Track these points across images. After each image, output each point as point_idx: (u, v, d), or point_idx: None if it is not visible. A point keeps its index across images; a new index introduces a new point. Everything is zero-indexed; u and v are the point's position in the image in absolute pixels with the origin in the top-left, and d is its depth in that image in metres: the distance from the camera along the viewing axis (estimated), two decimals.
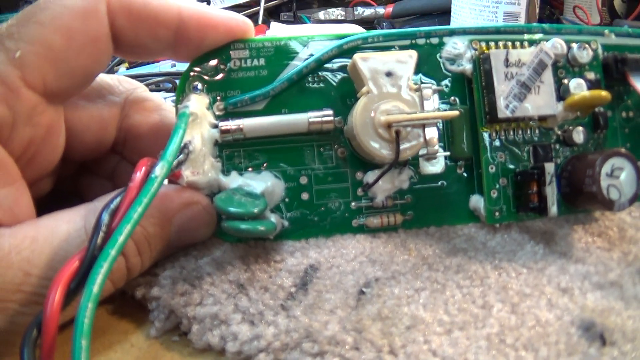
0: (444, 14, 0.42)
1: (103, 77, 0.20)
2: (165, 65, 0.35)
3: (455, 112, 0.18)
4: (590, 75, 0.21)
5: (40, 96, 0.16)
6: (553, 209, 0.19)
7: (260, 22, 0.44)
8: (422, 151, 0.19)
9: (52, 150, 0.18)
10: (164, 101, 0.21)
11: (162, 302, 0.18)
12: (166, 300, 0.18)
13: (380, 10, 0.47)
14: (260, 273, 0.18)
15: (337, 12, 0.44)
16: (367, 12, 0.45)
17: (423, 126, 0.18)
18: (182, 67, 0.39)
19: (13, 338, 0.15)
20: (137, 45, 0.18)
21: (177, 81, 0.33)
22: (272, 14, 0.47)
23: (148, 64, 0.37)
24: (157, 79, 0.32)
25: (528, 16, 0.37)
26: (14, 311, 0.15)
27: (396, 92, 0.18)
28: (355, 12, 0.44)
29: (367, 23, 0.48)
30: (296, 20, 0.46)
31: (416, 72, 0.18)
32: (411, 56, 0.18)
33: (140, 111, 0.20)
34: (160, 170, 0.16)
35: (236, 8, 0.56)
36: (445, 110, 0.19)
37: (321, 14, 0.44)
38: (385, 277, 0.18)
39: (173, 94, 0.32)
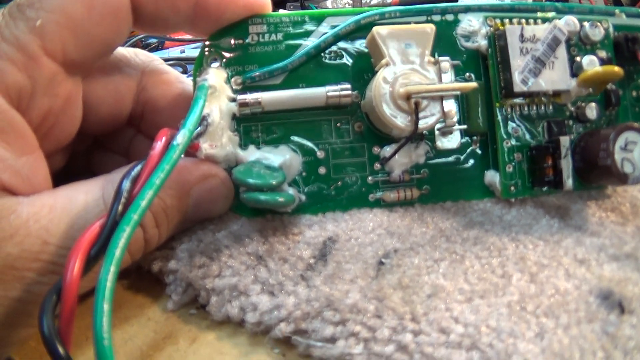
0: (452, 2, 0.43)
1: (119, 50, 0.20)
2: (174, 51, 0.35)
3: (474, 84, 0.18)
4: (602, 54, 0.21)
5: (60, 66, 0.16)
6: (569, 182, 0.19)
7: None
8: (439, 125, 0.19)
9: (70, 122, 0.18)
10: (180, 74, 0.21)
11: (180, 275, 0.18)
12: (184, 273, 0.18)
13: None
14: (279, 245, 0.18)
15: (345, 1, 0.44)
16: (375, 0, 0.45)
17: (441, 99, 0.18)
18: (192, 52, 0.40)
19: (30, 308, 0.15)
20: (156, 18, 0.18)
21: (188, 66, 0.33)
22: (279, 5, 0.47)
23: (158, 49, 0.36)
24: (167, 63, 0.32)
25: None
26: (31, 280, 0.15)
27: (415, 64, 0.18)
28: (363, 1, 0.44)
29: None
30: (304, 10, 0.46)
31: (434, 47, 0.19)
32: (430, 29, 0.18)
33: (158, 84, 0.20)
34: (181, 138, 0.16)
35: None
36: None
37: (329, 3, 0.44)
38: (404, 249, 0.18)
39: None
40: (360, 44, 0.20)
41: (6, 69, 0.15)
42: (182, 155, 0.16)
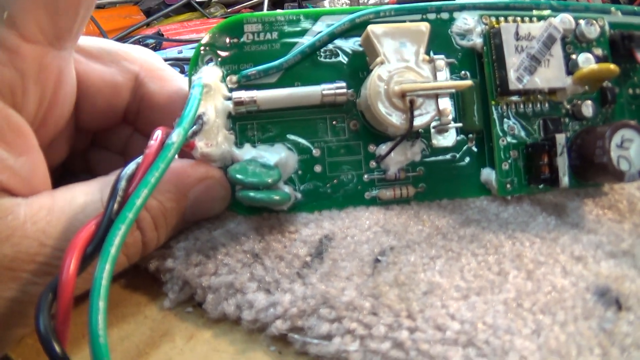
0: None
1: (118, 45, 0.20)
2: (172, 52, 0.35)
3: (469, 82, 0.18)
4: (598, 51, 0.21)
5: (43, 46, 0.15)
6: (565, 180, 0.19)
7: None
8: (435, 123, 0.19)
9: (64, 100, 0.17)
10: (177, 72, 0.21)
11: (176, 273, 0.18)
12: (180, 271, 0.18)
13: None
14: (275, 243, 0.18)
15: (342, 1, 0.44)
16: (372, 0, 0.45)
17: (436, 96, 0.18)
18: (189, 53, 0.40)
19: (25, 308, 0.15)
20: None
21: (186, 66, 0.33)
22: (277, 5, 0.48)
23: (155, 49, 0.37)
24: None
25: None
26: (27, 281, 0.15)
27: (410, 62, 0.18)
28: (361, 1, 0.44)
29: None
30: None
31: (428, 45, 0.19)
32: (425, 28, 0.18)
33: (155, 79, 0.20)
34: (177, 137, 0.16)
35: None
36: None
37: (326, 3, 0.44)
38: (400, 246, 0.18)
39: None
40: (355, 43, 0.20)
41: None
42: (178, 156, 0.16)
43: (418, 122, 0.18)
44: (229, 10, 0.57)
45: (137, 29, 0.50)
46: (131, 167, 0.15)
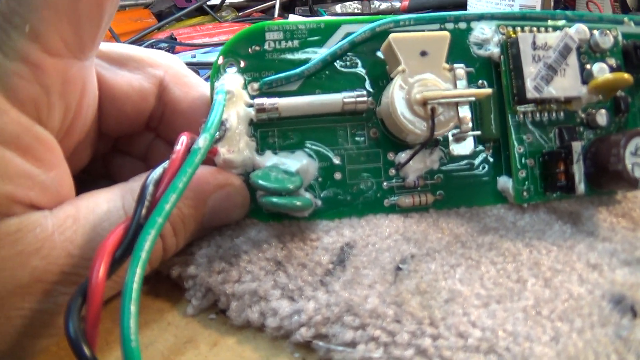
0: (460, 7, 0.43)
1: (142, 50, 0.20)
2: (185, 56, 0.35)
3: (489, 90, 0.18)
4: (612, 61, 0.21)
5: (67, 59, 0.15)
6: (581, 187, 0.19)
7: (276, 16, 0.44)
8: (454, 131, 0.19)
9: (87, 111, 0.17)
10: (200, 78, 0.21)
11: (199, 280, 0.18)
12: (203, 278, 0.18)
13: (397, 4, 0.47)
14: (297, 251, 0.18)
15: (353, 5, 0.44)
16: (384, 5, 0.45)
17: (456, 105, 0.18)
18: (203, 57, 0.40)
19: (53, 319, 0.15)
20: None
21: (200, 71, 0.33)
22: (288, 9, 0.47)
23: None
24: None
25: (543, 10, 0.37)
26: (57, 292, 0.15)
27: (431, 70, 0.18)
28: (372, 6, 0.44)
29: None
30: (312, 14, 0.46)
31: (448, 54, 0.19)
32: (445, 37, 0.18)
33: (180, 86, 0.20)
34: (203, 142, 0.16)
35: (252, 2, 0.56)
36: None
37: (338, 7, 0.44)
38: (420, 254, 0.18)
39: None
40: (375, 52, 0.20)
41: (17, 86, 0.14)
42: None
43: (438, 130, 0.18)
44: (240, 14, 0.56)
45: (149, 32, 0.50)
46: (158, 171, 0.16)
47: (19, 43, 0.14)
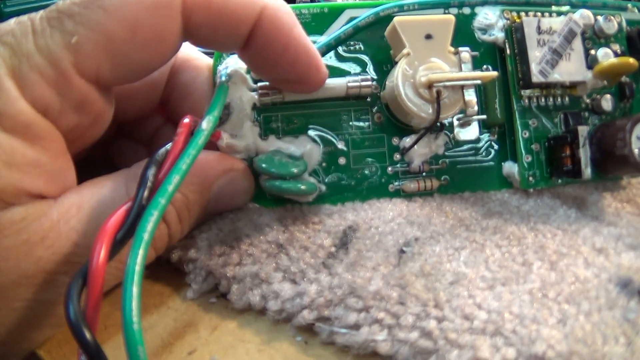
0: None
1: None
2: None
3: (494, 73, 0.18)
4: (616, 47, 0.21)
5: (92, 86, 0.15)
6: (587, 171, 0.19)
7: None
8: (459, 115, 0.19)
9: (97, 131, 0.17)
10: (210, 60, 0.20)
11: (200, 263, 0.18)
12: (204, 261, 0.18)
13: None
14: (299, 234, 0.18)
15: None
16: None
17: (462, 88, 0.18)
18: None
19: (57, 309, 0.15)
20: (210, 42, 0.16)
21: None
22: (289, 2, 0.47)
23: None
24: None
25: None
26: (61, 282, 0.15)
27: (435, 54, 0.18)
28: None
29: None
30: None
31: (453, 37, 0.19)
32: (450, 20, 0.18)
33: (191, 69, 0.19)
34: (206, 124, 0.16)
35: None
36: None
37: (339, 0, 0.44)
38: (424, 237, 0.18)
39: None
40: (379, 35, 0.20)
41: (36, 82, 0.14)
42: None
43: (444, 113, 0.18)
44: None
45: None
46: (161, 153, 0.15)
47: (57, 46, 0.14)
